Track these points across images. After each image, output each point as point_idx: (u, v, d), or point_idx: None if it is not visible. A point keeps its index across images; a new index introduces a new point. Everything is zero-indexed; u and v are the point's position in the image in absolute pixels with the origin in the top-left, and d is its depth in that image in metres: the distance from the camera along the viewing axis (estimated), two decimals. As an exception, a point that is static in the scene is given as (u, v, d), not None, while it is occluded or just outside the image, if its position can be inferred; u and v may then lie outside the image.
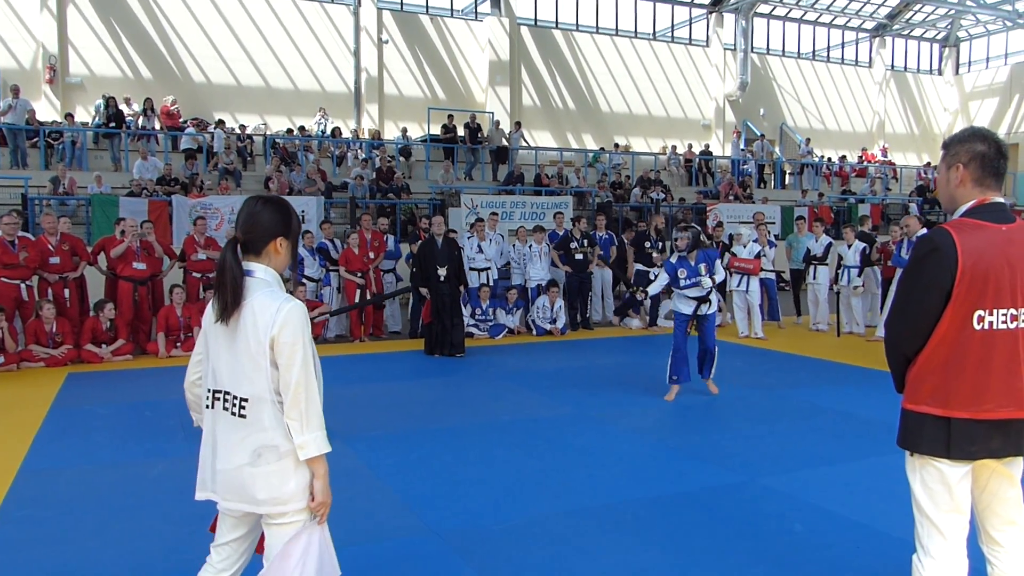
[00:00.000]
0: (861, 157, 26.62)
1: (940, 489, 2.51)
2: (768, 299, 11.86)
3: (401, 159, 18.62)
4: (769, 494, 4.65)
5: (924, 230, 8.83)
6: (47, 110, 17.36)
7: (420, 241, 10.54)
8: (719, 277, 7.05)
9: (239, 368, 2.27)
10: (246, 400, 2.26)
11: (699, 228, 7.18)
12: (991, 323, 2.43)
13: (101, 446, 5.61)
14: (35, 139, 15.41)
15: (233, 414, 2.28)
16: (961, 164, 2.55)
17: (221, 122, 18.00)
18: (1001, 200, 2.55)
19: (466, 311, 10.75)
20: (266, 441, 2.25)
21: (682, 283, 6.96)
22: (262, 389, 2.25)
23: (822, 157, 25.24)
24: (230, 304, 2.26)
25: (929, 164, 26.21)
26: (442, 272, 9.35)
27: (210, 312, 2.37)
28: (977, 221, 2.48)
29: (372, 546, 3.86)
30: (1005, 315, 2.44)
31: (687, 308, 7.10)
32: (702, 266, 6.90)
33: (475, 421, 6.38)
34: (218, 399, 2.33)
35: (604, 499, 4.57)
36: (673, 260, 7.05)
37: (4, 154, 15.30)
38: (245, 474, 2.26)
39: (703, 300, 7.03)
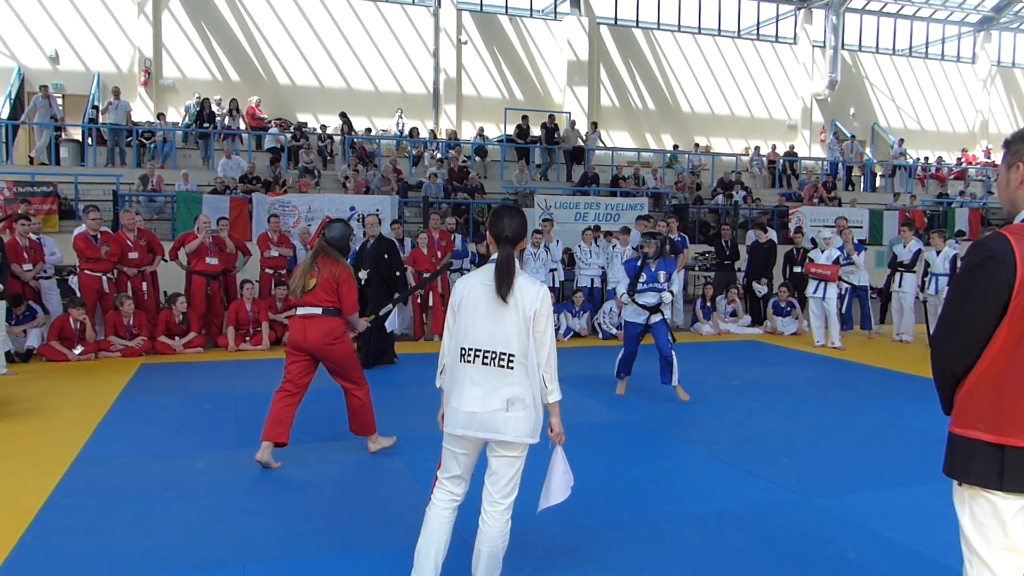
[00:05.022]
0: (960, 159, 25.15)
1: (992, 524, 2.23)
2: (861, 308, 11.36)
3: (477, 159, 18.68)
4: (823, 516, 4.35)
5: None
6: (141, 111, 18.20)
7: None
8: (675, 288, 7.34)
9: (504, 332, 3.01)
10: (513, 356, 3.01)
11: (666, 237, 7.57)
12: None
13: (155, 437, 5.76)
14: (129, 138, 16.18)
15: (500, 366, 3.01)
16: (1022, 163, 2.28)
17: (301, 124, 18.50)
18: None
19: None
20: (517, 394, 3.01)
21: (639, 287, 7.10)
22: (523, 350, 3.02)
23: (916, 159, 23.97)
24: (510, 286, 3.00)
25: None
26: (363, 275, 8.62)
27: (465, 291, 3.11)
28: None
29: (393, 549, 3.79)
30: None
31: (638, 318, 7.17)
32: (661, 273, 7.08)
33: (524, 425, 6.25)
34: (478, 356, 3.05)
35: (644, 513, 4.39)
36: (638, 263, 7.20)
37: (102, 153, 16.12)
38: (499, 417, 3.01)
39: (654, 311, 7.11)
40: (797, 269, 11.80)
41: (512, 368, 3.02)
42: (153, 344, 9.17)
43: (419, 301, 10.67)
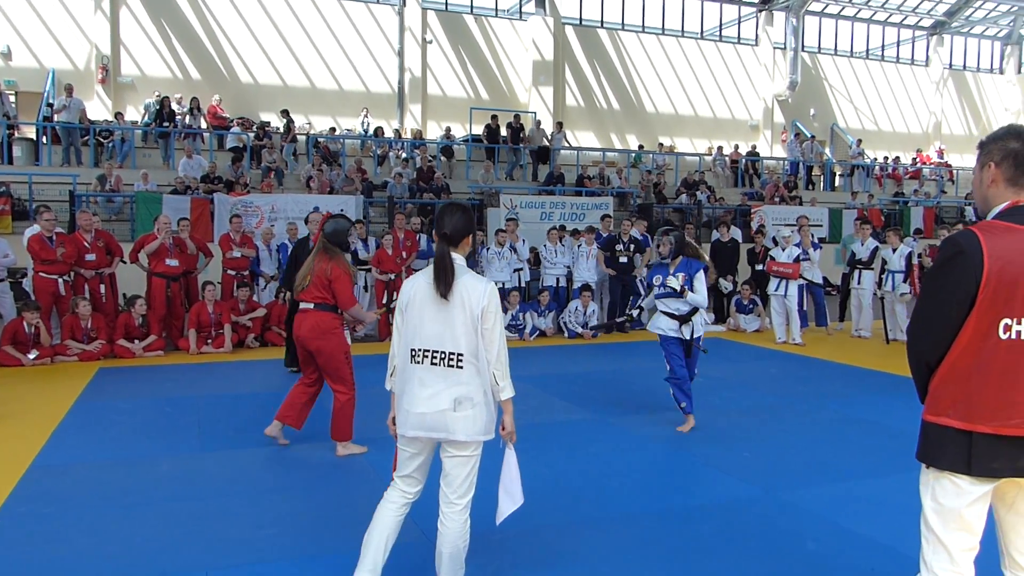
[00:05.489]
0: (915, 159, 25.75)
1: (952, 506, 2.35)
2: (815, 305, 11.53)
3: (443, 159, 18.64)
4: (786, 509, 4.43)
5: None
6: (99, 109, 17.83)
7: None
8: (697, 297, 6.00)
9: (452, 331, 2.99)
10: (462, 355, 2.99)
11: (683, 233, 6.39)
12: (1019, 332, 2.25)
13: (115, 442, 5.64)
14: (86, 137, 15.83)
15: (450, 366, 3.00)
16: (993, 163, 2.39)
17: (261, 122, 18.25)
18: None
19: (504, 318, 10.69)
20: (464, 393, 2.99)
21: (658, 291, 6.17)
22: (472, 348, 3.00)
23: (874, 159, 24.49)
24: (449, 284, 2.98)
25: (989, 166, 25.20)
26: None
27: (412, 291, 3.10)
28: (1008, 224, 2.31)
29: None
30: None
31: (666, 325, 6.14)
32: (680, 275, 6.02)
33: (491, 425, 6.26)
34: (426, 356, 3.04)
35: (613, 510, 4.42)
36: (655, 265, 6.35)
37: (57, 152, 15.73)
38: (448, 417, 3.00)
39: (684, 321, 6.08)
40: (759, 267, 11.98)
41: (462, 367, 3.01)
42: (112, 348, 8.99)
43: (384, 301, 10.61)
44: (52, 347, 8.71)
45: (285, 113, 18.17)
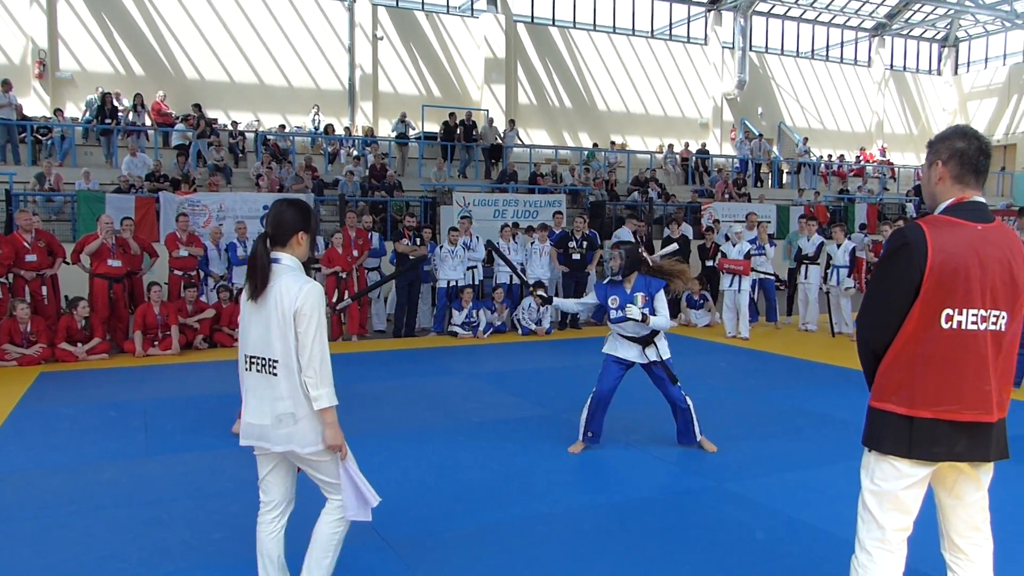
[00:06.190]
0: (859, 157, 26.46)
1: (890, 488, 2.46)
2: (767, 300, 11.76)
3: (396, 155, 18.48)
4: (734, 500, 4.52)
5: None
6: (36, 105, 17.25)
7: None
8: (660, 321, 5.33)
9: (269, 337, 2.83)
10: (276, 362, 2.83)
11: (636, 246, 5.60)
12: (960, 323, 2.37)
13: (57, 448, 5.48)
14: (22, 134, 15.30)
15: (270, 373, 2.84)
16: (940, 161, 2.51)
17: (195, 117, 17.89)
18: (980, 199, 2.49)
19: (458, 316, 10.67)
20: (284, 409, 2.83)
21: (613, 314, 5.36)
22: (288, 355, 2.81)
23: (820, 156, 25.09)
24: (259, 285, 2.83)
25: (928, 164, 26.05)
26: None
27: (244, 295, 2.94)
28: (953, 219, 2.43)
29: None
30: (975, 315, 2.37)
31: (626, 352, 5.45)
32: (639, 295, 5.31)
33: (444, 422, 6.26)
34: (253, 363, 2.91)
35: (563, 505, 4.45)
36: (604, 283, 5.53)
37: (-8, 149, 15.18)
38: (270, 431, 2.87)
39: (646, 344, 5.41)
40: (710, 263, 12.18)
41: (276, 375, 2.84)
42: (53, 351, 8.71)
43: (334, 300, 10.49)
44: (-11, 351, 8.42)
45: (197, 107, 17.67)
